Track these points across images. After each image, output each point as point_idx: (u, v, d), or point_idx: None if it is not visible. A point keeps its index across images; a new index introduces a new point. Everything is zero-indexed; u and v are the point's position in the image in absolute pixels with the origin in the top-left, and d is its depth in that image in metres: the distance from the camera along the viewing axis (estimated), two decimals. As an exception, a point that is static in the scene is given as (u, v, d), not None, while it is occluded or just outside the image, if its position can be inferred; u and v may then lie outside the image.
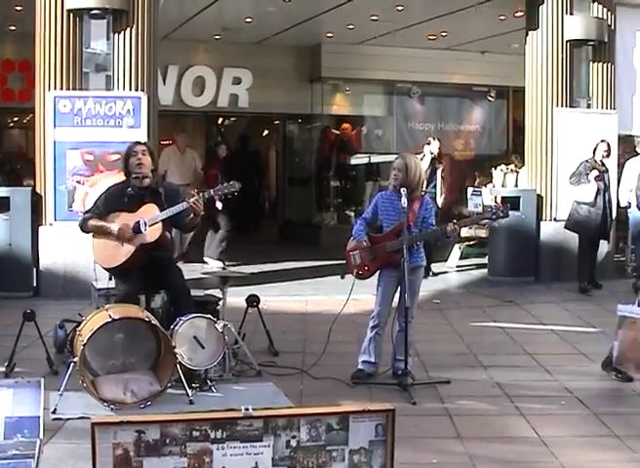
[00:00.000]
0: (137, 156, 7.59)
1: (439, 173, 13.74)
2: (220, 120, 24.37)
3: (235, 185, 7.70)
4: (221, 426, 3.55)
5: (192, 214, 7.46)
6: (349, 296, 7.67)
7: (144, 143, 7.98)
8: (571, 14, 13.26)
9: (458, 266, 14.88)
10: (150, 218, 7.39)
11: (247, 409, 3.56)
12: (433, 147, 13.67)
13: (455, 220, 7.74)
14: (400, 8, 15.08)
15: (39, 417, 3.87)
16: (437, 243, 8.96)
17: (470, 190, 15.47)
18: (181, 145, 15.80)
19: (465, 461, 5.48)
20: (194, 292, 7.85)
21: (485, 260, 14.12)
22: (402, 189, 7.21)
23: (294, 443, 3.61)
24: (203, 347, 6.94)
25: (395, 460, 3.76)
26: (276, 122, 21.81)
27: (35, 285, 11.40)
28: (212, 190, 7.74)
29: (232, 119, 24.40)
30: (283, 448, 3.60)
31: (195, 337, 6.92)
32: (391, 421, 3.72)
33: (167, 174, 14.69)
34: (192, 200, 7.36)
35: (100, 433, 3.46)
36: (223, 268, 7.55)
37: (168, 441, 3.50)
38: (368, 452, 3.71)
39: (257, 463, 3.59)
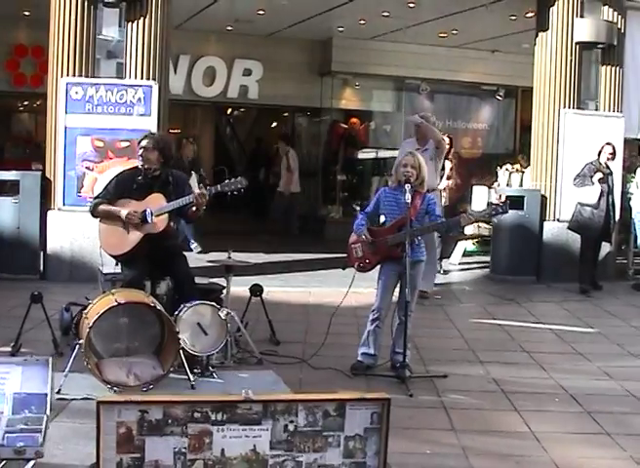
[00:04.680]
0: (140, 152, 7.71)
1: (447, 171, 13.59)
2: (230, 111, 24.48)
3: (242, 182, 7.76)
4: (222, 409, 3.66)
5: (195, 207, 7.58)
6: (349, 288, 7.78)
7: (152, 137, 7.91)
8: (581, 16, 13.30)
9: (460, 263, 14.97)
10: (157, 209, 7.51)
11: (247, 394, 3.67)
12: None
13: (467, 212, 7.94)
14: (411, 5, 15.15)
15: (46, 395, 3.99)
16: (448, 234, 9.03)
17: (475, 189, 15.56)
18: (423, 134, 11.37)
19: (458, 453, 5.60)
20: (199, 280, 7.97)
21: (487, 258, 14.22)
22: (406, 185, 7.32)
23: (291, 427, 3.71)
24: (206, 334, 7.07)
25: (389, 449, 3.87)
26: (285, 114, 21.88)
27: (42, 268, 11.55)
28: (219, 185, 7.83)
29: (241, 110, 24.50)
30: (281, 432, 3.70)
31: (199, 324, 7.05)
32: (387, 410, 3.82)
33: None
34: (197, 193, 7.48)
35: (104, 411, 3.57)
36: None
37: (170, 421, 3.61)
38: (363, 439, 3.81)
39: (255, 446, 3.70)
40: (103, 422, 3.58)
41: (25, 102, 24.45)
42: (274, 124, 24.72)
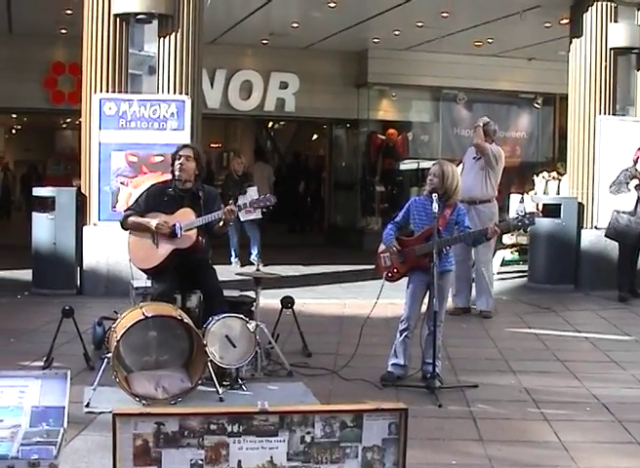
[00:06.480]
0: (180, 160, 7.75)
1: None
2: (270, 124, 24.63)
3: (271, 199, 7.86)
4: (238, 420, 3.66)
5: (222, 223, 7.64)
6: (377, 299, 7.74)
7: (193, 147, 8.01)
8: (615, 21, 13.23)
9: (498, 273, 14.85)
10: (186, 224, 7.56)
11: (263, 405, 3.67)
12: None
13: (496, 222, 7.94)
14: (445, 14, 15.12)
15: (64, 407, 4.02)
16: (476, 245, 9.04)
17: (512, 197, 15.45)
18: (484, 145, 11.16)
19: (484, 463, 5.54)
20: (229, 293, 8.00)
21: (526, 267, 14.11)
22: (433, 195, 7.32)
23: (308, 438, 3.70)
24: (234, 346, 7.08)
25: (413, 459, 3.85)
26: (323, 127, 21.92)
27: (79, 283, 11.65)
28: (247, 202, 7.95)
29: (281, 123, 24.63)
30: (298, 443, 3.69)
31: (227, 336, 7.06)
32: (404, 420, 3.79)
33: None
34: (227, 209, 7.52)
35: (120, 423, 3.59)
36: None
37: (186, 433, 3.61)
38: (381, 450, 3.78)
39: (272, 457, 3.69)
40: (119, 434, 3.60)
41: (68, 120, 24.73)
42: (315, 136, 24.80)
